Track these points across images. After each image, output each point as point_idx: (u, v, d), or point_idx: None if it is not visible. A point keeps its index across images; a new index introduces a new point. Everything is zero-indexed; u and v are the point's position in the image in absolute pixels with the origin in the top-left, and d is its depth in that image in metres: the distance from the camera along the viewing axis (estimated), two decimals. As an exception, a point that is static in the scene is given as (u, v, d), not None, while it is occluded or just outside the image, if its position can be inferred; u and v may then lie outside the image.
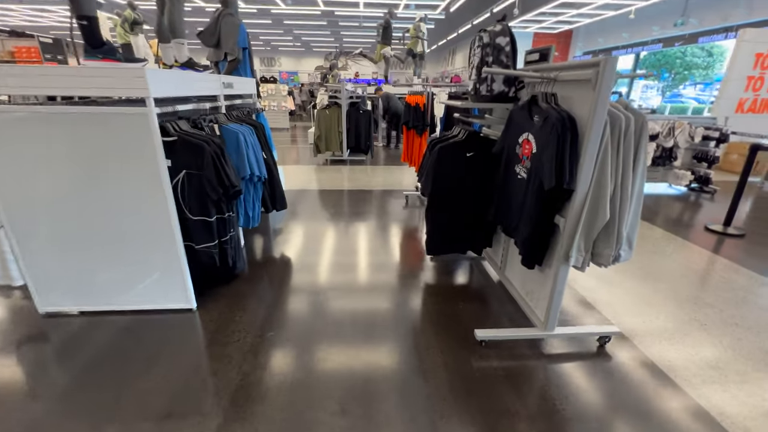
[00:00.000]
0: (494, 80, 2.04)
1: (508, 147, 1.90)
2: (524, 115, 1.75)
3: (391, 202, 4.21)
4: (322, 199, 4.29)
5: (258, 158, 2.50)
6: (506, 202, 1.92)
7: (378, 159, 6.80)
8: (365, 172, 5.75)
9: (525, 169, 1.74)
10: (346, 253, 2.88)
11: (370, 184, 4.96)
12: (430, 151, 2.34)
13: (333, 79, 8.82)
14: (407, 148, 4.11)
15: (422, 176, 2.41)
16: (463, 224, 2.32)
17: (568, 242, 1.61)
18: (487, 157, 2.15)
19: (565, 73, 1.56)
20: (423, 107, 3.78)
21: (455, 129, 2.36)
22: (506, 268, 2.33)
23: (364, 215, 3.75)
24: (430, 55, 15.69)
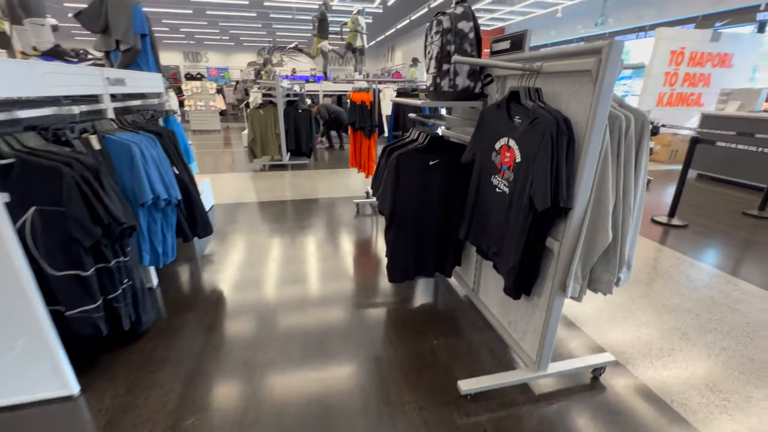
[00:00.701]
0: (458, 73, 1.70)
1: (481, 154, 1.58)
2: (501, 116, 1.43)
3: (341, 212, 3.77)
4: (262, 212, 3.72)
5: (165, 176, 1.92)
6: (482, 220, 1.60)
7: (322, 162, 6.29)
8: (309, 177, 5.23)
9: (505, 181, 1.42)
10: (293, 281, 2.40)
11: (315, 192, 4.47)
12: (386, 159, 1.95)
13: (267, 75, 8.08)
14: (355, 151, 3.70)
15: (377, 189, 2.02)
16: (431, 244, 1.97)
17: (565, 270, 1.33)
18: (455, 164, 1.82)
19: (553, 64, 1.26)
20: (370, 106, 3.39)
21: (413, 132, 2.00)
22: (480, 290, 2.04)
23: (311, 230, 3.27)
24: (368, 51, 15.35)
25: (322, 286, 2.37)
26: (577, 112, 1.22)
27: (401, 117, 3.28)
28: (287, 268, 2.59)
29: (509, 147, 1.38)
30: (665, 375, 1.64)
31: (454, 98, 1.73)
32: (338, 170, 5.65)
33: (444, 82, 1.74)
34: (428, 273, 2.05)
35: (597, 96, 1.10)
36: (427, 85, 1.88)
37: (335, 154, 6.99)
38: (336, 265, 2.66)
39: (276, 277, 2.45)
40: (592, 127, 1.13)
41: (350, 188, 4.65)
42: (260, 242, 3.02)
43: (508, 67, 1.30)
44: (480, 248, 1.68)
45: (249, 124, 5.48)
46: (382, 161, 2.02)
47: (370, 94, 3.43)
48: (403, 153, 1.78)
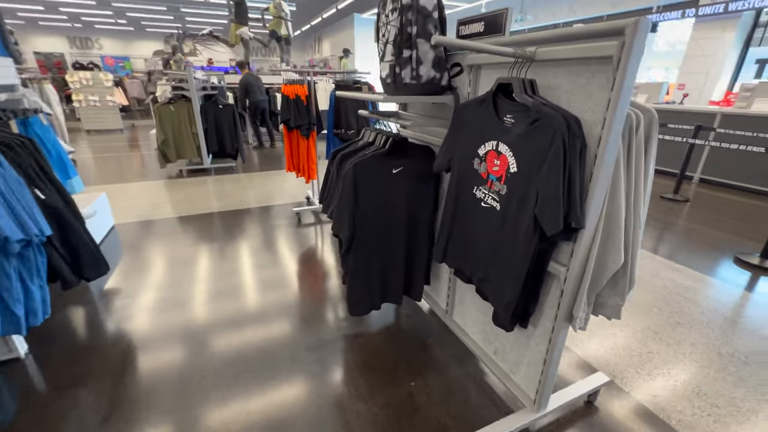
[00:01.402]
0: (421, 62, 1.39)
1: (459, 161, 1.29)
2: (486, 115, 1.16)
3: (279, 223, 3.29)
4: (181, 231, 3.08)
5: (19, 206, 1.33)
6: (463, 240, 1.33)
7: (252, 164, 5.63)
8: (238, 182, 4.58)
9: (494, 194, 1.16)
10: (227, 324, 1.92)
11: (246, 201, 3.89)
12: (337, 168, 1.59)
13: (177, 65, 7.01)
14: (292, 154, 3.22)
15: (328, 206, 1.64)
16: (398, 266, 1.66)
17: (571, 299, 1.11)
18: (423, 171, 1.52)
19: (554, 49, 1.01)
20: (306, 100, 2.95)
21: (367, 133, 1.66)
22: (454, 311, 1.79)
23: (244, 250, 2.76)
24: (293, 42, 14.44)
25: (264, 326, 1.93)
26: (584, 110, 0.99)
27: (343, 113, 2.90)
28: (218, 305, 2.09)
29: (499, 153, 1.12)
30: (654, 387, 1.56)
31: (418, 92, 1.42)
32: (272, 172, 5.07)
33: (405, 72, 1.42)
34: (396, 299, 1.74)
35: (618, 89, 0.87)
36: (383, 76, 1.54)
37: (266, 154, 6.33)
38: (281, 295, 2.22)
39: (204, 320, 1.95)
40: (610, 129, 0.91)
41: (288, 193, 4.15)
42: (180, 271, 2.44)
43: (498, 52, 1.02)
44: (462, 273, 1.41)
45: (157, 123, 4.62)
46: (332, 170, 1.65)
47: (304, 87, 2.98)
48: (361, 161, 1.43)
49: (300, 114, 2.93)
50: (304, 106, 2.94)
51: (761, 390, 1.53)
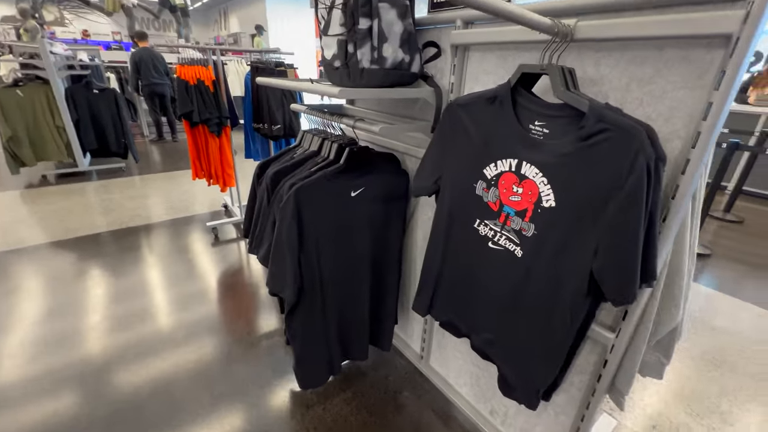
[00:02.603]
0: (386, 38, 0.97)
1: (453, 184, 0.91)
2: (500, 120, 0.79)
3: (189, 243, 2.60)
4: (47, 265, 2.22)
5: None
6: (460, 290, 0.97)
7: (150, 163, 4.60)
8: (132, 189, 3.64)
9: (513, 235, 0.81)
10: (128, 399, 1.31)
11: (144, 214, 3.05)
12: (269, 190, 1.09)
13: (29, 36, 5.40)
14: (199, 156, 2.52)
15: (259, 243, 1.15)
16: (362, 316, 1.25)
17: (618, 370, 0.83)
18: (391, 190, 1.12)
19: (607, 23, 0.66)
20: (213, 87, 2.28)
21: (308, 138, 1.19)
22: (432, 357, 1.45)
23: (145, 287, 2.07)
24: (194, 15, 12.52)
25: (173, 403, 1.37)
26: (647, 118, 0.68)
27: (264, 103, 2.32)
28: (112, 377, 1.45)
29: (522, 177, 0.76)
30: (648, 411, 1.41)
31: (381, 81, 0.99)
32: (177, 173, 4.16)
33: (363, 53, 0.98)
34: (361, 355, 1.33)
35: (728, 85, 0.56)
36: (327, 57, 1.08)
37: (168, 149, 5.27)
38: (205, 352, 1.65)
39: (92, 396, 1.31)
40: (705, 147, 0.60)
41: (199, 201, 3.39)
42: (52, 327, 1.69)
43: (532, 23, 0.64)
44: (451, 324, 1.05)
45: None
46: (260, 193, 1.15)
47: (210, 69, 2.31)
48: (306, 185, 0.96)
49: (206, 105, 2.26)
50: (210, 94, 2.27)
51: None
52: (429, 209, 1.25)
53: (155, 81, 4.94)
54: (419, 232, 1.32)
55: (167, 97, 5.14)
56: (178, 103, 2.22)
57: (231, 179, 2.60)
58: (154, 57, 4.89)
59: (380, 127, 0.90)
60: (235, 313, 1.90)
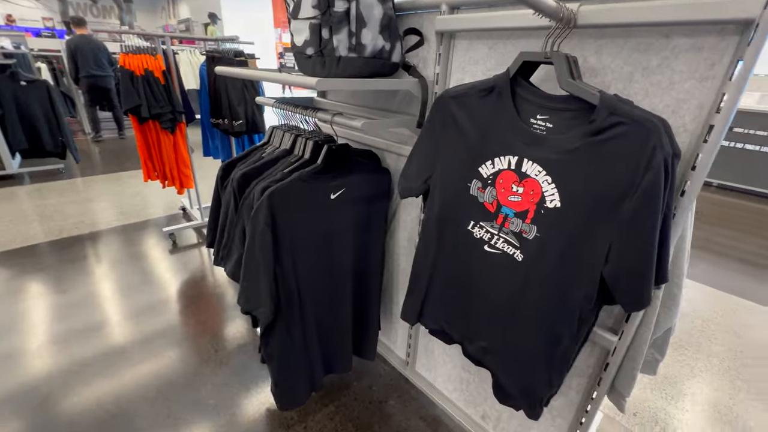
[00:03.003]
0: (364, 22, 0.87)
1: (443, 184, 0.84)
2: (497, 113, 0.72)
3: (146, 250, 2.37)
4: (-40, 289, 1.92)
5: None
6: (452, 296, 0.90)
7: (92, 163, 4.17)
8: (72, 193, 3.27)
9: (512, 238, 0.75)
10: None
11: (89, 221, 2.74)
12: (236, 195, 0.96)
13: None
14: (151, 155, 2.27)
15: (227, 254, 1.02)
16: (344, 328, 1.16)
17: (619, 372, 0.80)
18: (373, 190, 1.03)
19: (612, 7, 0.61)
20: (163, 78, 2.06)
21: (278, 135, 1.07)
22: (418, 363, 1.39)
23: (94, 304, 1.84)
24: (140, 2, 11.54)
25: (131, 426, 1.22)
26: (652, 110, 0.64)
27: (223, 96, 2.12)
28: (62, 402, 1.26)
29: (523, 175, 0.70)
30: (630, 401, 1.45)
31: (359, 71, 0.90)
32: (124, 174, 3.80)
33: (339, 39, 0.88)
34: (344, 367, 1.24)
35: (743, 76, 0.53)
36: (297, 43, 0.96)
37: (114, 148, 4.81)
38: (167, 372, 1.48)
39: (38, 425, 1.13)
40: (717, 140, 0.57)
41: (152, 204, 3.10)
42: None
43: (537, 5, 0.57)
44: (442, 332, 0.99)
45: None
46: (225, 197, 1.01)
47: (159, 58, 2.08)
48: (281, 189, 0.85)
49: (156, 98, 2.03)
50: (161, 87, 2.05)
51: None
52: (413, 209, 1.18)
53: (95, 73, 4.45)
54: (402, 233, 1.25)
55: (112, 90, 4.66)
56: (123, 96, 1.98)
57: (188, 180, 2.38)
58: (95, 46, 4.39)
59: (362, 122, 0.81)
60: (199, 326, 1.73)
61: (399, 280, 1.34)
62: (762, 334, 1.82)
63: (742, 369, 1.62)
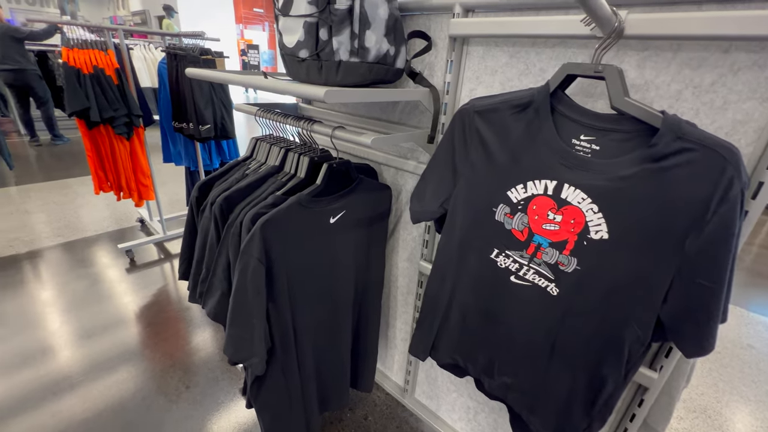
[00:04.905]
0: (368, 23, 0.76)
1: (465, 208, 0.74)
2: (532, 132, 0.64)
3: (99, 270, 2.09)
4: None
5: None
6: (471, 329, 0.81)
7: (29, 170, 3.70)
8: (5, 205, 2.86)
9: (546, 270, 0.67)
10: None
11: (27, 238, 2.40)
12: (218, 223, 0.82)
13: None
14: (101, 165, 1.98)
15: (206, 296, 0.86)
16: (342, 361, 1.04)
17: (655, 409, 0.75)
18: (374, 210, 0.93)
19: (665, 17, 0.54)
20: (116, 78, 1.81)
21: (264, 148, 0.93)
22: (418, 390, 1.29)
23: (36, 338, 1.57)
24: (82, -12, 10.53)
25: None
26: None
27: (187, 97, 1.90)
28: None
29: (562, 202, 0.62)
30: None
31: (362, 78, 0.79)
32: (69, 181, 3.40)
33: (340, 41, 0.76)
34: (341, 402, 1.12)
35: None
36: (288, 44, 0.83)
37: (56, 151, 4.32)
38: (127, 419, 1.28)
39: None
40: (782, 169, 0.52)
41: (103, 216, 2.78)
42: None
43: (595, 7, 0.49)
44: (456, 366, 0.90)
45: None
46: (204, 224, 0.86)
47: (111, 54, 1.83)
48: (275, 217, 0.72)
49: (108, 100, 1.78)
50: (114, 87, 1.80)
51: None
52: (414, 227, 1.08)
53: (7, 68, 3.79)
54: (401, 253, 1.15)
55: (35, 88, 4.07)
56: (68, 98, 1.71)
57: (148, 191, 2.13)
58: (4, 35, 3.68)
59: (372, 138, 0.70)
60: (166, 360, 1.53)
61: (397, 303, 1.24)
62: (733, 334, 1.90)
63: (722, 370, 1.67)
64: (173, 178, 3.24)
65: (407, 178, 1.05)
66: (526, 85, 0.77)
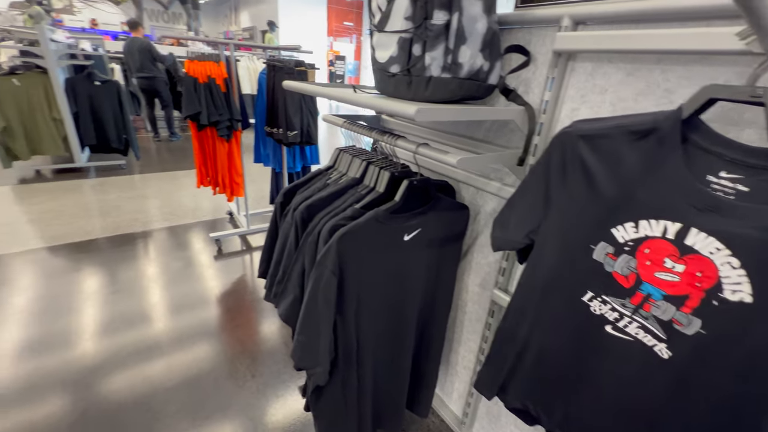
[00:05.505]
0: (464, 38, 0.73)
1: (560, 241, 0.67)
2: (654, 163, 0.54)
3: (192, 255, 2.37)
4: (33, 277, 1.98)
5: None
6: (552, 377, 0.72)
7: (150, 161, 4.36)
8: (131, 189, 3.41)
9: (654, 326, 0.56)
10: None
11: (143, 219, 2.82)
12: (298, 229, 0.85)
13: (31, 21, 5.17)
14: (205, 162, 2.28)
15: (280, 297, 0.90)
16: (401, 382, 1.01)
17: None
18: (449, 230, 0.88)
19: None
20: (224, 86, 2.05)
21: (346, 160, 0.94)
22: (476, 425, 1.20)
23: (137, 312, 1.83)
24: (205, 9, 12.30)
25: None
26: None
27: (280, 105, 2.08)
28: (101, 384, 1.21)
29: (688, 250, 0.51)
30: None
31: (451, 94, 0.75)
32: (178, 174, 3.93)
33: (433, 56, 0.74)
34: (394, 425, 1.09)
35: None
36: (380, 60, 0.83)
37: (171, 146, 5.03)
38: (196, 400, 1.41)
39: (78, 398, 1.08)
40: None
41: (202, 206, 3.15)
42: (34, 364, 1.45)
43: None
44: (527, 413, 0.81)
45: (-8, 103, 3.19)
46: (285, 228, 0.90)
47: (222, 66, 2.07)
48: (353, 231, 0.72)
49: (216, 105, 2.02)
50: (221, 94, 2.04)
51: None
52: (491, 251, 1.01)
53: (141, 75, 4.55)
54: (473, 277, 1.08)
55: (162, 93, 4.82)
56: (185, 103, 1.98)
57: (239, 188, 2.36)
58: (142, 47, 4.41)
59: (458, 158, 0.66)
60: (238, 346, 1.65)
61: (463, 328, 1.17)
62: None
63: None
64: (260, 177, 3.55)
65: (487, 198, 0.99)
66: (644, 107, 0.66)
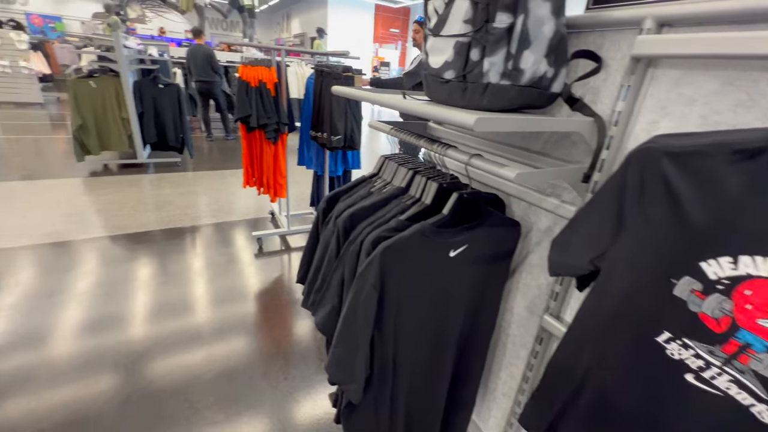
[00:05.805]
0: (528, 43, 0.67)
1: (627, 273, 0.59)
2: (759, 190, 0.46)
3: (235, 251, 2.45)
4: (90, 266, 2.16)
5: None
6: (612, 421, 0.64)
7: (202, 159, 4.61)
8: (183, 185, 3.62)
9: (753, 384, 0.47)
10: None
11: (192, 213, 2.97)
12: (340, 238, 0.83)
13: (110, 30, 5.70)
14: (252, 162, 2.36)
15: (318, 305, 0.88)
16: (437, 404, 0.95)
17: None
18: (497, 247, 0.82)
19: None
20: (274, 90, 2.11)
21: (391, 168, 0.91)
22: (516, 457, 1.11)
23: (179, 303, 1.91)
24: (259, 17, 12.96)
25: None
26: None
27: (325, 110, 2.11)
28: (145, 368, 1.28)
29: (805, 296, 0.42)
30: None
31: (509, 102, 0.70)
32: (227, 172, 4.12)
33: (492, 62, 0.69)
34: (427, 449, 1.03)
35: None
36: (434, 65, 0.79)
37: (222, 147, 5.31)
38: (228, 396, 1.43)
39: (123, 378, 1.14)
40: None
41: (246, 205, 3.27)
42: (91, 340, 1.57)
43: None
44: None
45: (72, 103, 3.53)
46: (327, 242, 0.88)
47: (272, 70, 2.14)
48: (397, 244, 0.69)
49: (265, 109, 2.09)
50: (271, 98, 2.10)
51: None
52: (541, 273, 0.93)
53: (201, 79, 4.87)
54: (520, 299, 1.00)
55: (218, 96, 5.10)
56: (237, 106, 2.06)
57: (282, 190, 2.42)
58: (204, 54, 4.74)
59: (516, 173, 0.60)
60: (273, 346, 1.67)
61: (506, 352, 1.09)
62: None
63: None
64: (303, 179, 3.63)
65: (540, 215, 0.92)
66: (745, 122, 0.57)
